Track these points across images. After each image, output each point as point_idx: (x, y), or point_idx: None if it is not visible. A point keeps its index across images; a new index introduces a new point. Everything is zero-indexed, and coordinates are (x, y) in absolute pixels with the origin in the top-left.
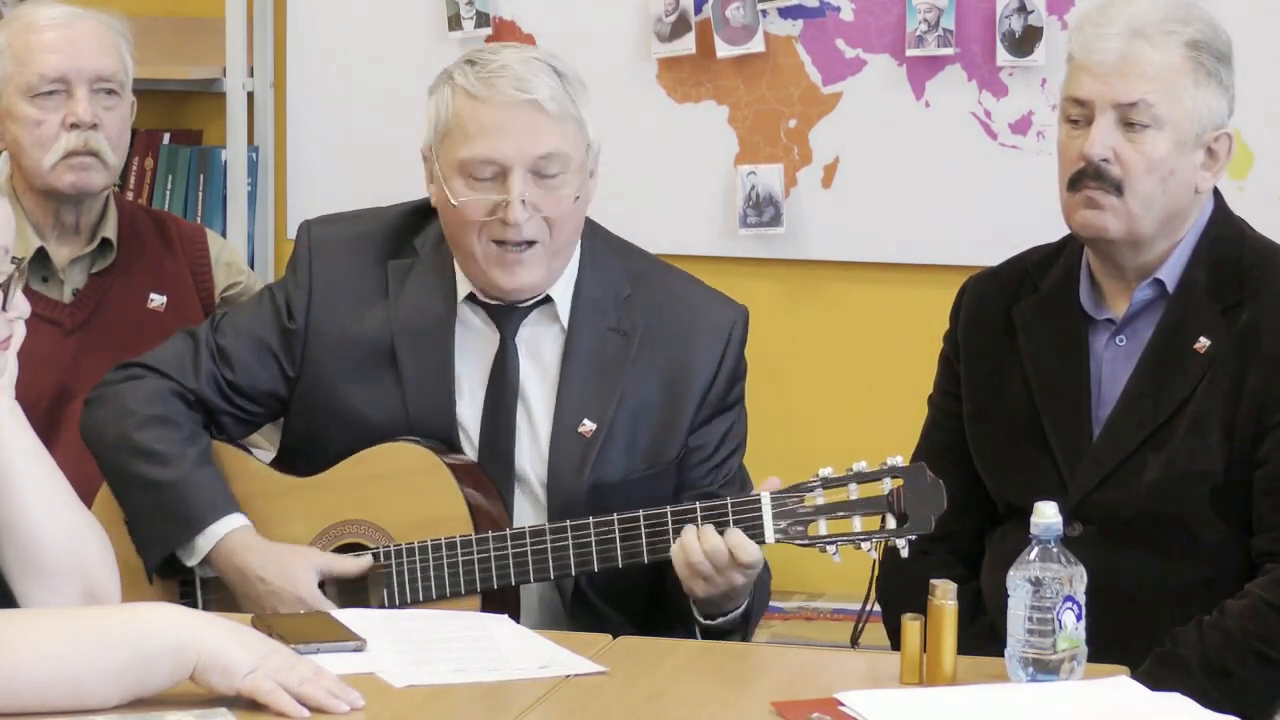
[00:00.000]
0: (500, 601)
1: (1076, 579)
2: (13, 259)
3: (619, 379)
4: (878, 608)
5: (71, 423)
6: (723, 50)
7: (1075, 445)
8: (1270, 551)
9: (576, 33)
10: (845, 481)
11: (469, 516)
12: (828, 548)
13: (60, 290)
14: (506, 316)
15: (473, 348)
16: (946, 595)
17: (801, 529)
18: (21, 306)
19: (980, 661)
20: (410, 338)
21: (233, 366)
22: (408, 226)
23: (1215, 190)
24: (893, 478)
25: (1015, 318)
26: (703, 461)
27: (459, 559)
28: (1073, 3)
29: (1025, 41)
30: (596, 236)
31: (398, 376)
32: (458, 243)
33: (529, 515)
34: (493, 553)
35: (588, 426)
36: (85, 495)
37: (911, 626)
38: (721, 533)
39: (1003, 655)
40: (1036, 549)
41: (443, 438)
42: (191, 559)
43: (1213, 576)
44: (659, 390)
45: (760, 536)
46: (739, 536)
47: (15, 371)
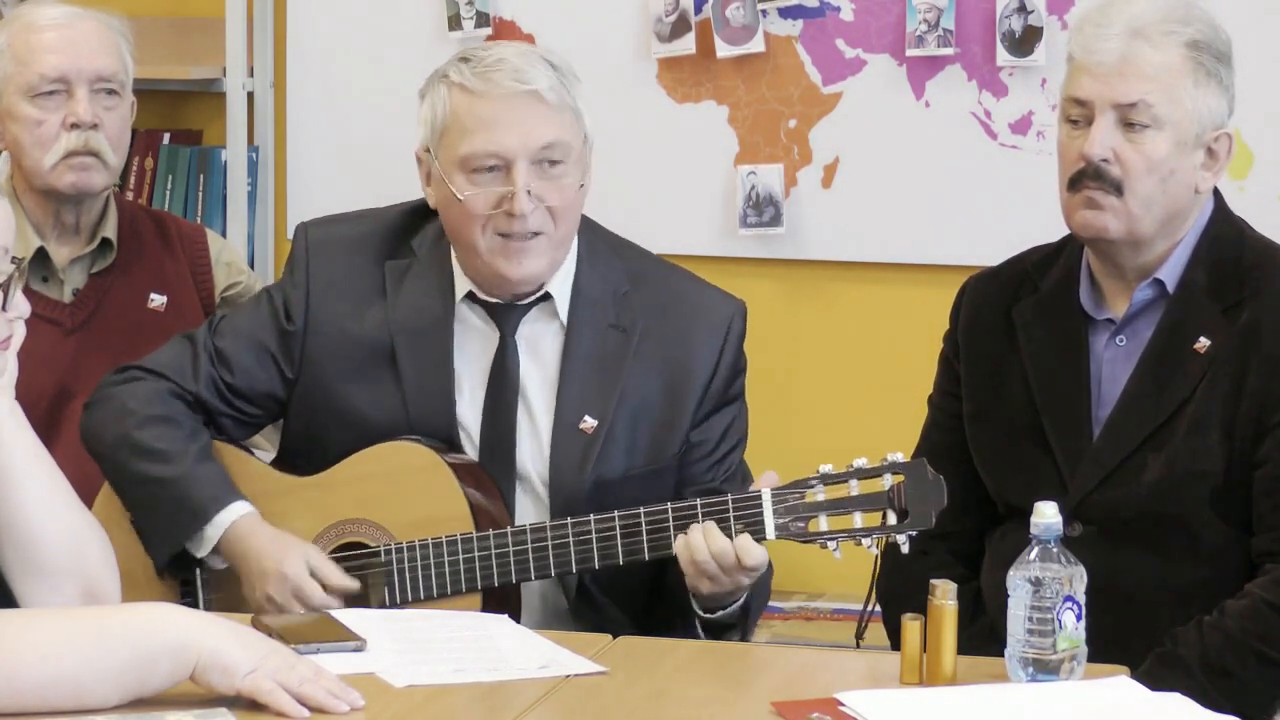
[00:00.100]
0: (501, 599)
1: (1076, 579)
2: (13, 259)
3: (619, 375)
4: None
5: (71, 423)
6: (723, 50)
7: (1075, 445)
8: (1270, 551)
9: (576, 33)
10: (846, 478)
11: (470, 515)
12: (828, 544)
13: (60, 290)
14: (506, 314)
15: (472, 346)
16: (946, 595)
17: (802, 525)
18: (21, 306)
19: (980, 661)
20: (409, 337)
21: (231, 369)
22: (405, 227)
23: (1215, 190)
24: (893, 473)
25: (1015, 318)
26: (704, 457)
27: (460, 557)
28: (1073, 3)
29: (1025, 41)
30: (594, 234)
31: (397, 376)
32: (460, 239)
33: (530, 513)
34: (493, 550)
35: (588, 423)
36: (85, 495)
37: (911, 626)
38: (730, 536)
39: (1003, 655)
40: (1036, 549)
41: (443, 437)
42: (201, 550)
43: (1213, 576)
44: (659, 386)
45: (761, 533)
46: (746, 540)
47: (15, 371)
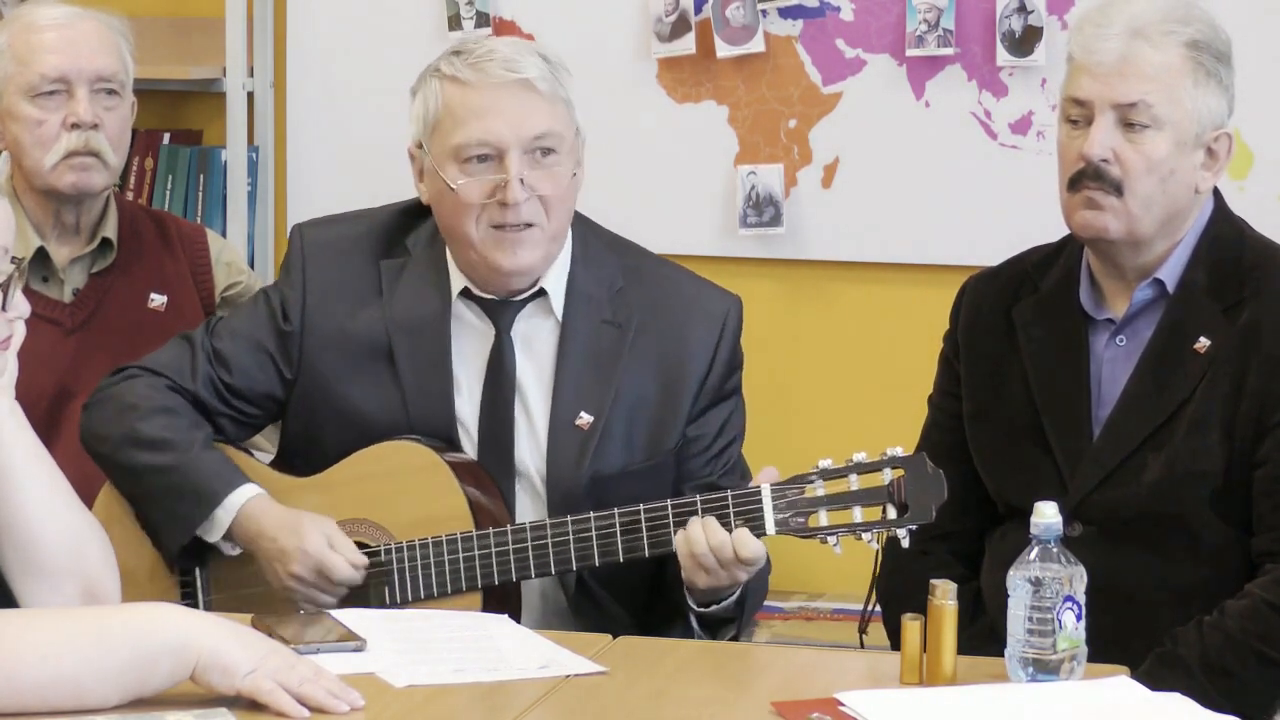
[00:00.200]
0: (502, 598)
1: (1076, 579)
2: (13, 259)
3: (614, 371)
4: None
5: (71, 423)
6: (723, 50)
7: (1075, 445)
8: (1270, 551)
9: (576, 33)
10: (845, 472)
11: (470, 514)
12: (829, 539)
13: (60, 290)
14: (501, 311)
15: (468, 344)
16: (946, 595)
17: (802, 520)
18: (21, 306)
19: (980, 661)
20: (406, 336)
21: (230, 369)
22: (399, 226)
23: (1215, 190)
24: (893, 468)
25: (1015, 318)
26: (702, 452)
27: (459, 556)
28: (1073, 3)
29: (1025, 41)
30: (589, 231)
31: (395, 375)
32: (454, 232)
33: (530, 509)
34: (494, 549)
35: (584, 419)
36: (85, 495)
37: (911, 626)
38: (729, 529)
39: (1003, 655)
40: (1036, 549)
41: (443, 435)
42: (214, 534)
43: (1213, 576)
44: (655, 381)
45: (761, 528)
46: (744, 533)
47: (15, 371)
